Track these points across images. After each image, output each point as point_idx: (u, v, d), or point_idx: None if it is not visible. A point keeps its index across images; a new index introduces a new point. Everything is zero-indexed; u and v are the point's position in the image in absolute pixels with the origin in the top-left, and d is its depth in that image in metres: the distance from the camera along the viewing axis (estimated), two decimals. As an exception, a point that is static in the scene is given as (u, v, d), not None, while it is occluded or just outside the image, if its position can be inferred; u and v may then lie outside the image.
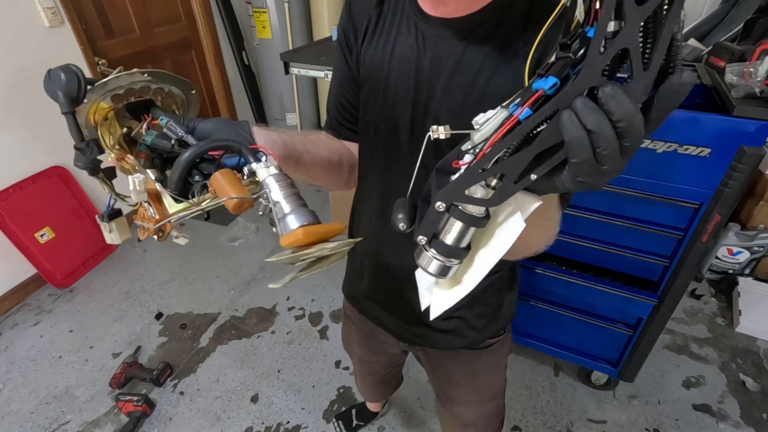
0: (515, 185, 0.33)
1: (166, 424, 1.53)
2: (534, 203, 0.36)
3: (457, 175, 0.37)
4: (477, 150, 0.35)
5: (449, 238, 0.38)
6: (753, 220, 1.91)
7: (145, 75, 0.48)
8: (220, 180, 0.40)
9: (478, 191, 0.35)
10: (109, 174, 0.47)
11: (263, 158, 0.42)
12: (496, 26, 0.52)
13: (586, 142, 0.28)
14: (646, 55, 0.26)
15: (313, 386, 1.65)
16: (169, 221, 0.42)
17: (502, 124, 0.33)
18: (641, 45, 0.26)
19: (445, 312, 0.43)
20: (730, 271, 2.02)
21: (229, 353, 1.79)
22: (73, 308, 2.03)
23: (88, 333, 1.89)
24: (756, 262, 1.98)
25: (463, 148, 0.37)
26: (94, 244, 2.28)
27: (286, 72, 1.83)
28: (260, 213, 0.41)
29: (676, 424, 1.49)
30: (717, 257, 1.99)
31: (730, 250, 1.95)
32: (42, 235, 2.03)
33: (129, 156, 0.46)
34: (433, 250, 0.39)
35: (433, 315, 0.44)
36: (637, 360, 1.37)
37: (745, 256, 1.95)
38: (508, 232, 0.37)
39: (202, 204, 0.42)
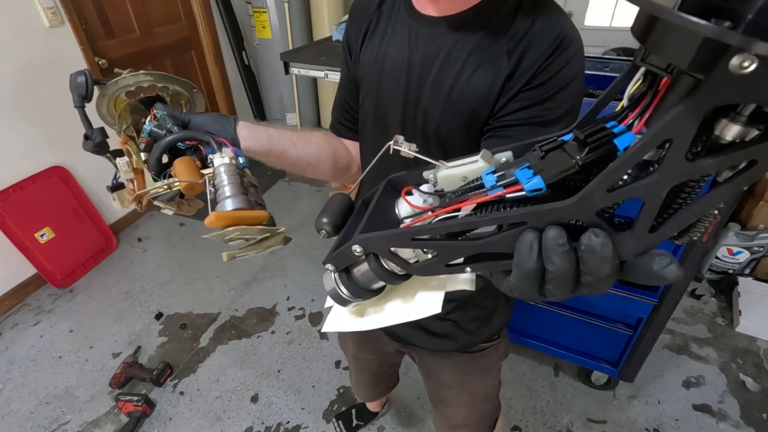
0: (446, 268, 0.29)
1: (166, 424, 1.53)
2: (466, 286, 0.33)
3: (400, 210, 0.32)
4: (434, 188, 0.31)
5: (360, 278, 0.34)
6: (753, 220, 1.91)
7: (148, 75, 0.56)
8: (179, 165, 0.48)
9: (405, 251, 0.31)
10: (117, 154, 0.56)
11: (223, 149, 0.49)
12: (486, 23, 0.53)
13: (536, 275, 0.24)
14: (664, 216, 0.21)
15: (313, 386, 1.65)
16: (144, 195, 0.50)
17: (468, 189, 0.27)
18: (663, 203, 0.20)
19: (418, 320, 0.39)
20: (730, 271, 2.02)
21: (229, 353, 1.79)
22: (73, 308, 2.03)
23: (88, 333, 1.89)
24: (756, 262, 1.98)
25: (425, 174, 0.33)
26: (94, 244, 2.28)
27: (286, 72, 1.83)
28: (210, 198, 0.46)
29: (676, 424, 1.49)
30: (717, 257, 1.99)
31: (730, 250, 1.95)
32: (42, 235, 2.03)
33: (130, 141, 0.55)
34: (338, 278, 0.35)
35: (325, 329, 0.43)
36: (637, 360, 1.37)
37: (745, 256, 1.95)
38: (423, 307, 0.34)
39: (170, 185, 0.50)
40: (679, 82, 0.18)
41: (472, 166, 0.28)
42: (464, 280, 0.34)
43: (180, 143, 0.52)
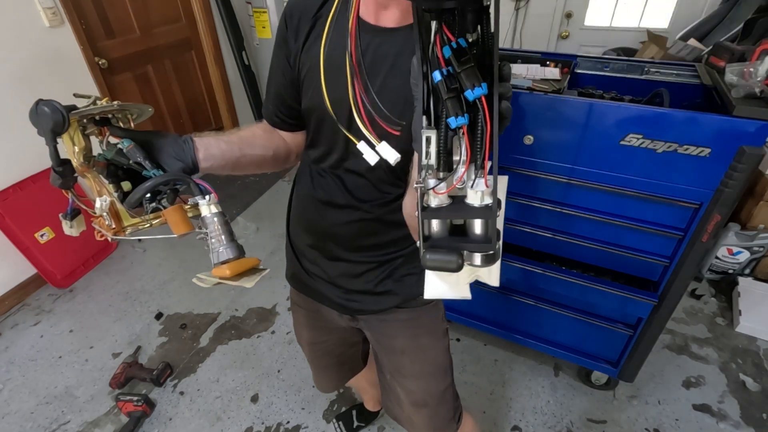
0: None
1: (166, 424, 1.53)
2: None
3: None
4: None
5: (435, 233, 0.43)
6: (753, 220, 1.91)
7: (115, 104, 0.57)
8: (172, 214, 0.53)
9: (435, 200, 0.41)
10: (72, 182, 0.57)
11: (208, 196, 0.54)
12: None
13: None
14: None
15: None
16: (124, 230, 0.57)
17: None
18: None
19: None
20: (730, 271, 2.02)
21: (229, 353, 1.79)
22: (73, 308, 2.03)
23: (88, 333, 1.89)
24: (756, 262, 1.98)
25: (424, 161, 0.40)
26: (94, 244, 2.28)
27: (286, 72, 1.83)
28: (198, 237, 0.54)
29: (676, 424, 1.49)
30: (717, 257, 1.99)
31: (730, 250, 1.95)
32: (42, 235, 2.03)
33: (92, 170, 0.55)
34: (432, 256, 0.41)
35: (427, 295, 0.51)
36: (637, 360, 1.37)
37: (745, 256, 1.95)
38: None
39: (153, 222, 0.56)
40: None
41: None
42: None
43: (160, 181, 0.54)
